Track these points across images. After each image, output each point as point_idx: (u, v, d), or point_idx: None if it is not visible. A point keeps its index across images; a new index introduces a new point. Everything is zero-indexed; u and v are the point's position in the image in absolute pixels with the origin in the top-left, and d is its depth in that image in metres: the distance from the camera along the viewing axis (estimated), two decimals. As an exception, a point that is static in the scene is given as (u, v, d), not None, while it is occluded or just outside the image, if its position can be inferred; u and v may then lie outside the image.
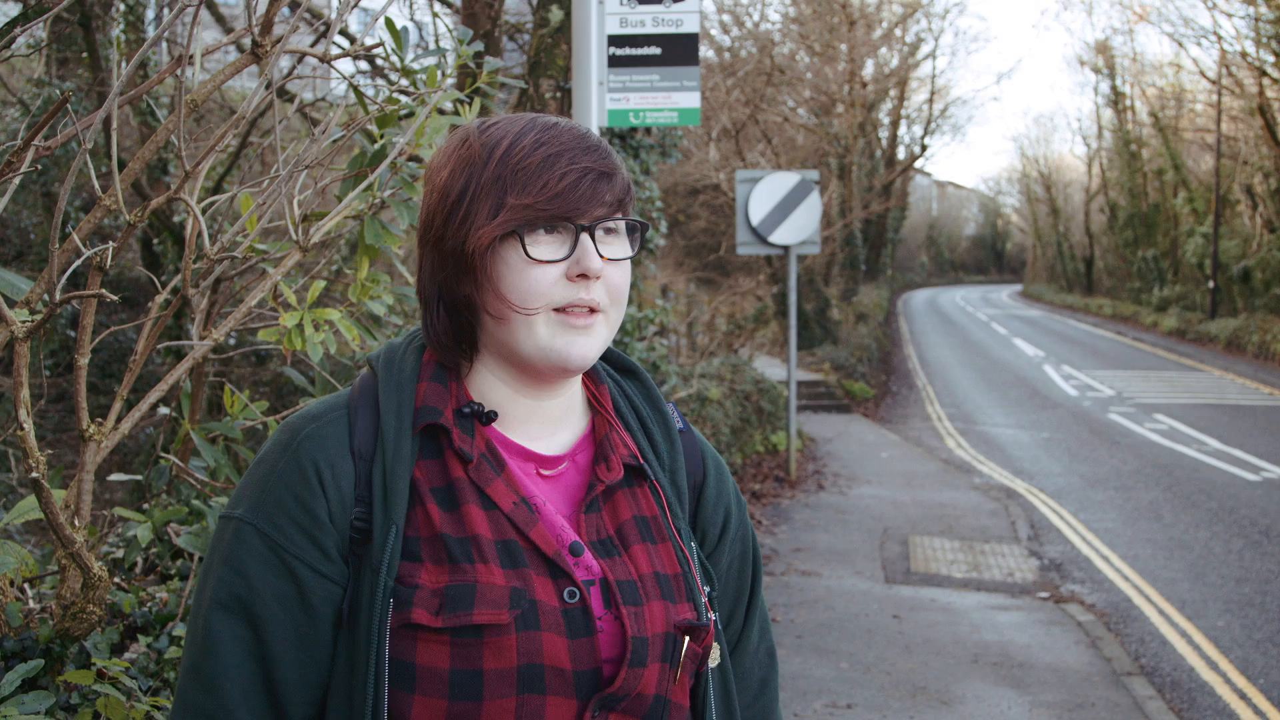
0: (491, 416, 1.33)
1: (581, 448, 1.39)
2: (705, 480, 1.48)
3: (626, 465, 1.38)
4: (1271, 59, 29.03)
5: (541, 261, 1.27)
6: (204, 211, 2.41)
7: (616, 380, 1.47)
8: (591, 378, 1.44)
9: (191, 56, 2.01)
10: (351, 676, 1.25)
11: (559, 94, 9.64)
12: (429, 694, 1.23)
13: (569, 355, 1.30)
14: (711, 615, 1.38)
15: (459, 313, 1.34)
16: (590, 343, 1.31)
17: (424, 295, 1.37)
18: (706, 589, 1.41)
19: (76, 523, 2.09)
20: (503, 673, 1.22)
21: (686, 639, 1.31)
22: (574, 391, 1.40)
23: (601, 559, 1.31)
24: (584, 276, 1.28)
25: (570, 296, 1.29)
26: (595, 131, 1.35)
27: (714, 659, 1.39)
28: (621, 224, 1.33)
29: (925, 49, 37.60)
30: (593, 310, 1.30)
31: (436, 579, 1.24)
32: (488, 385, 1.35)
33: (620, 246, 1.33)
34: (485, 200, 1.28)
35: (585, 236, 1.28)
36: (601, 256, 1.29)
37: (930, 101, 42.38)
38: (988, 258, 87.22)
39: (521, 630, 1.23)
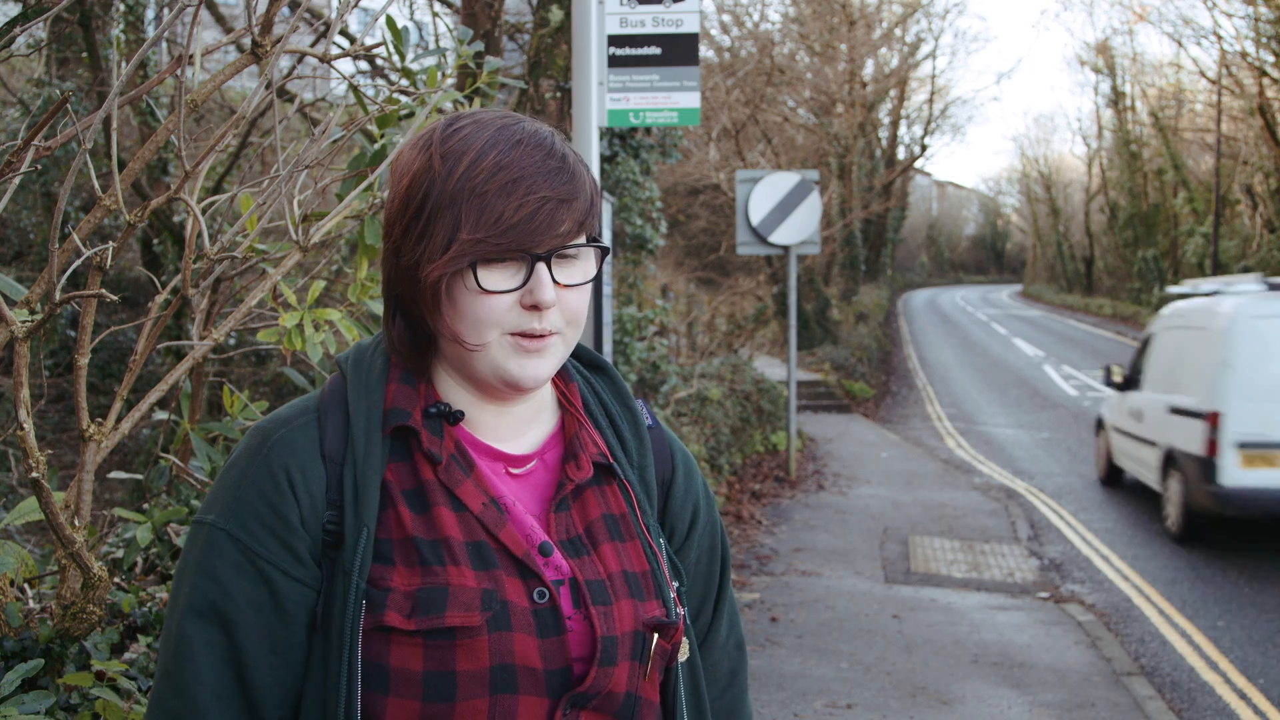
0: (458, 416, 1.33)
1: (550, 446, 1.39)
2: (674, 476, 1.49)
3: (596, 463, 1.38)
4: (1271, 59, 29.03)
5: (493, 292, 1.26)
6: (204, 211, 2.41)
7: (585, 377, 1.47)
8: (561, 375, 1.43)
9: (191, 56, 2.01)
10: (325, 679, 1.26)
11: (559, 94, 9.65)
12: (402, 695, 1.24)
13: (521, 378, 1.29)
14: (680, 611, 1.38)
15: (416, 323, 1.34)
16: (543, 364, 1.30)
17: (384, 295, 1.37)
18: (675, 584, 1.41)
19: (76, 523, 2.09)
20: (475, 674, 1.23)
21: (655, 636, 1.32)
22: (541, 394, 1.40)
23: (571, 559, 1.31)
24: (536, 307, 1.27)
25: (523, 324, 1.27)
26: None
27: (683, 654, 1.39)
28: (583, 248, 1.31)
29: (925, 49, 37.71)
30: (546, 335, 1.29)
31: (408, 581, 1.25)
32: (452, 389, 1.36)
33: (579, 270, 1.31)
34: (440, 223, 1.26)
35: (540, 266, 1.26)
36: (557, 283, 1.28)
37: (930, 101, 42.41)
38: (988, 258, 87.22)
39: (493, 631, 1.24)
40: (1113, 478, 11.87)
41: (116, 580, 3.00)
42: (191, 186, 2.15)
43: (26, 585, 2.58)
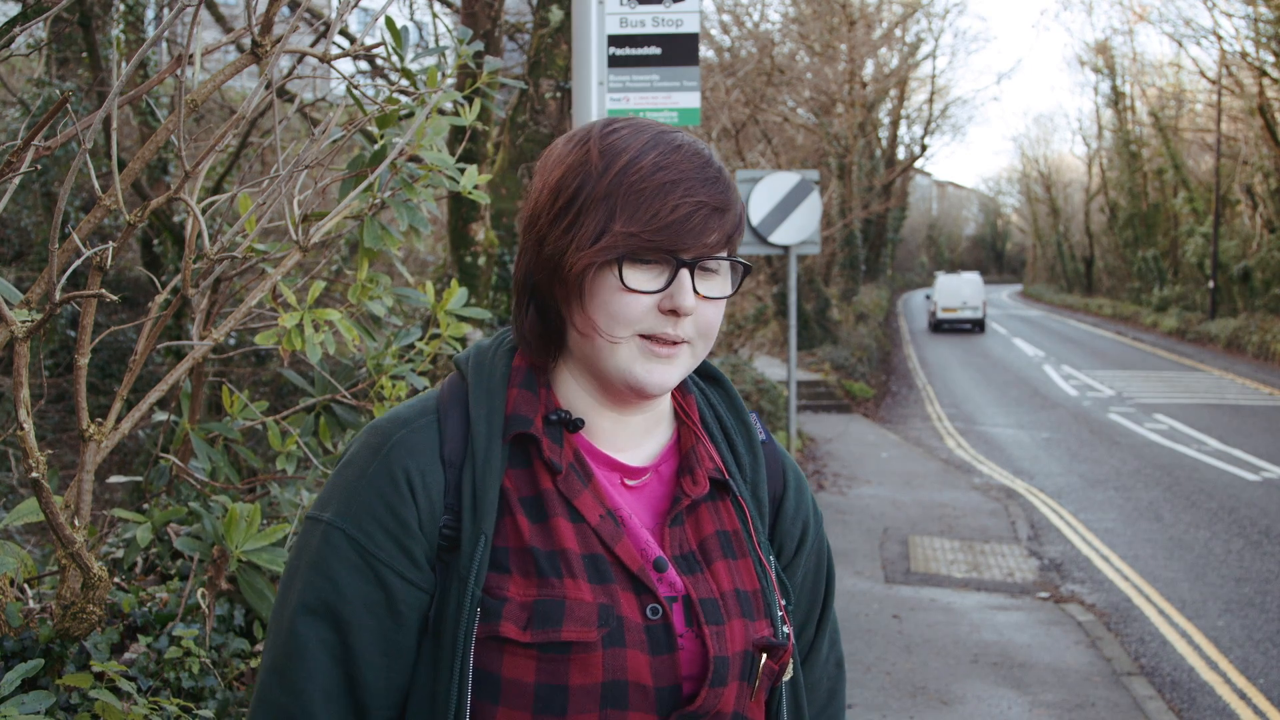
0: (579, 424, 1.32)
1: (666, 458, 1.38)
2: (785, 493, 1.47)
3: (711, 479, 1.36)
4: (1271, 59, 29.02)
5: (636, 291, 1.26)
6: (204, 211, 2.41)
7: (701, 389, 1.46)
8: (679, 387, 1.42)
9: (191, 56, 2.01)
10: (434, 683, 1.25)
11: (559, 94, 9.64)
12: (513, 706, 1.23)
13: (647, 382, 1.28)
14: (787, 630, 1.37)
15: (548, 315, 1.33)
16: (671, 371, 1.29)
17: (518, 286, 1.36)
18: (783, 603, 1.39)
19: (76, 523, 2.09)
20: (588, 689, 1.22)
21: (764, 656, 1.31)
22: (660, 405, 1.39)
23: (685, 575, 1.30)
24: (674, 312, 1.26)
25: (658, 328, 1.27)
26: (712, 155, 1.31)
27: (788, 674, 1.37)
28: (724, 263, 1.31)
29: (925, 49, 37.72)
30: (678, 342, 1.29)
31: (525, 592, 1.24)
32: (574, 394, 1.35)
33: (719, 285, 1.31)
34: (592, 215, 1.26)
35: (684, 272, 1.26)
36: (697, 293, 1.27)
37: (930, 101, 42.43)
38: (988, 257, 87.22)
39: (608, 647, 1.23)
40: (926, 327, 38.45)
41: (116, 580, 3.00)
42: (191, 186, 2.15)
43: (26, 585, 2.58)
